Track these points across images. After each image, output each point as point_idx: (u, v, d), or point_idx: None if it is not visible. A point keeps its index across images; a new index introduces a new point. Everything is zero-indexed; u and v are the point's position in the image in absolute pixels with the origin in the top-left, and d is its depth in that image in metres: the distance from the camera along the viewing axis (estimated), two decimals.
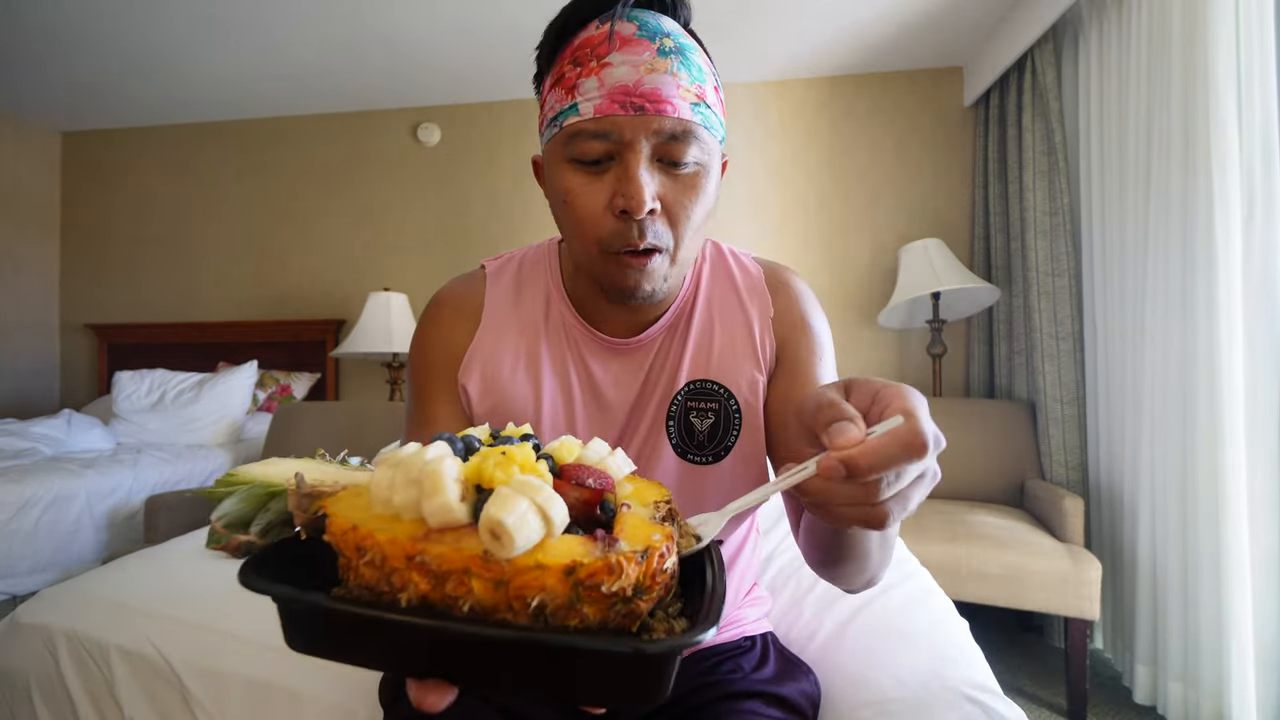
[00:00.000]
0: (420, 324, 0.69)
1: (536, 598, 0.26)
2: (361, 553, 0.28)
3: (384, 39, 2.53)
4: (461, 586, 0.26)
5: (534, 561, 0.26)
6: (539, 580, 0.26)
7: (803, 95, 2.83)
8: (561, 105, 0.52)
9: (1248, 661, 1.34)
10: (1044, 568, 1.60)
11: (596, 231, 0.53)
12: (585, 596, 0.27)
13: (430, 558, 0.26)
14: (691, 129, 0.51)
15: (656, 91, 0.50)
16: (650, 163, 0.52)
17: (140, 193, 3.49)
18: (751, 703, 0.62)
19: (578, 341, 0.64)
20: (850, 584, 0.57)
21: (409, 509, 0.29)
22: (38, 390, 3.48)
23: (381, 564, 0.27)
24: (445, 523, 0.28)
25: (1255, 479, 1.36)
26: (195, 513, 2.11)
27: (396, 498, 0.29)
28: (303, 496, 0.30)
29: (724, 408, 0.63)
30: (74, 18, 2.39)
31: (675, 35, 0.53)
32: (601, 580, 0.26)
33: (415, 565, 0.27)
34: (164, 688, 0.85)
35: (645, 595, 0.28)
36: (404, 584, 0.27)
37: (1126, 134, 1.73)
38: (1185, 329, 1.49)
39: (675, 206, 0.53)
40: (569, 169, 0.53)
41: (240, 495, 0.32)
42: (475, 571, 0.26)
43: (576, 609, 0.27)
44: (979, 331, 2.52)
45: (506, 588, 0.26)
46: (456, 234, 3.16)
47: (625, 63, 0.50)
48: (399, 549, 0.27)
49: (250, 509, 0.32)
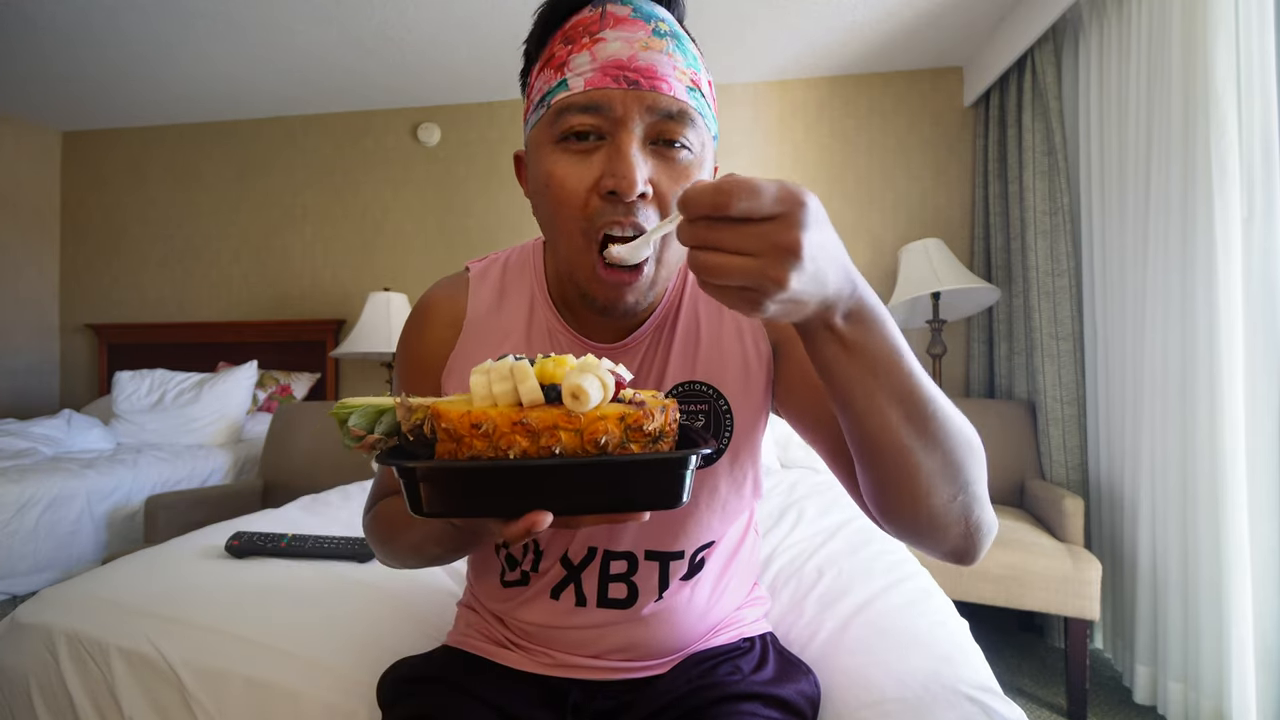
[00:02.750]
0: (405, 328, 0.69)
1: (603, 438, 0.39)
2: (477, 427, 0.39)
3: (384, 39, 2.53)
4: (553, 438, 0.39)
5: (599, 414, 0.39)
6: (604, 426, 0.39)
7: (803, 95, 2.83)
8: (550, 84, 0.51)
9: (1248, 661, 1.34)
10: (1044, 568, 1.60)
11: (581, 212, 0.50)
12: (631, 436, 0.40)
13: (531, 419, 0.39)
14: (688, 110, 0.50)
15: (652, 68, 0.48)
16: (643, 145, 0.49)
17: (140, 193, 3.49)
18: (751, 704, 0.62)
19: (562, 346, 0.63)
20: (929, 516, 0.47)
21: (505, 396, 0.40)
22: (38, 390, 3.48)
23: (493, 432, 0.39)
24: (533, 400, 0.40)
25: (1255, 479, 1.36)
26: (195, 513, 2.11)
27: (496, 388, 0.40)
28: (407, 409, 0.42)
29: (713, 408, 0.62)
30: (74, 17, 2.39)
31: (669, 22, 0.52)
32: (642, 423, 0.40)
33: (519, 428, 0.39)
34: (164, 688, 0.85)
35: (665, 437, 0.41)
36: (510, 444, 0.39)
37: (1126, 134, 1.73)
38: (1185, 329, 1.49)
39: (668, 194, 0.50)
40: (555, 151, 0.51)
41: (360, 413, 0.43)
42: (561, 425, 0.39)
43: (626, 447, 0.40)
44: (979, 331, 2.52)
45: (582, 434, 0.39)
46: (456, 234, 3.16)
47: (620, 38, 0.48)
48: (506, 418, 0.39)
49: (369, 423, 0.44)
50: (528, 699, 0.64)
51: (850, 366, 0.42)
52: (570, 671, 0.67)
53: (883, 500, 0.49)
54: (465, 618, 0.76)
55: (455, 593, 1.05)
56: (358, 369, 3.26)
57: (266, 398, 3.10)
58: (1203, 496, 1.43)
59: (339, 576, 1.10)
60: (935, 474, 0.45)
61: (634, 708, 0.64)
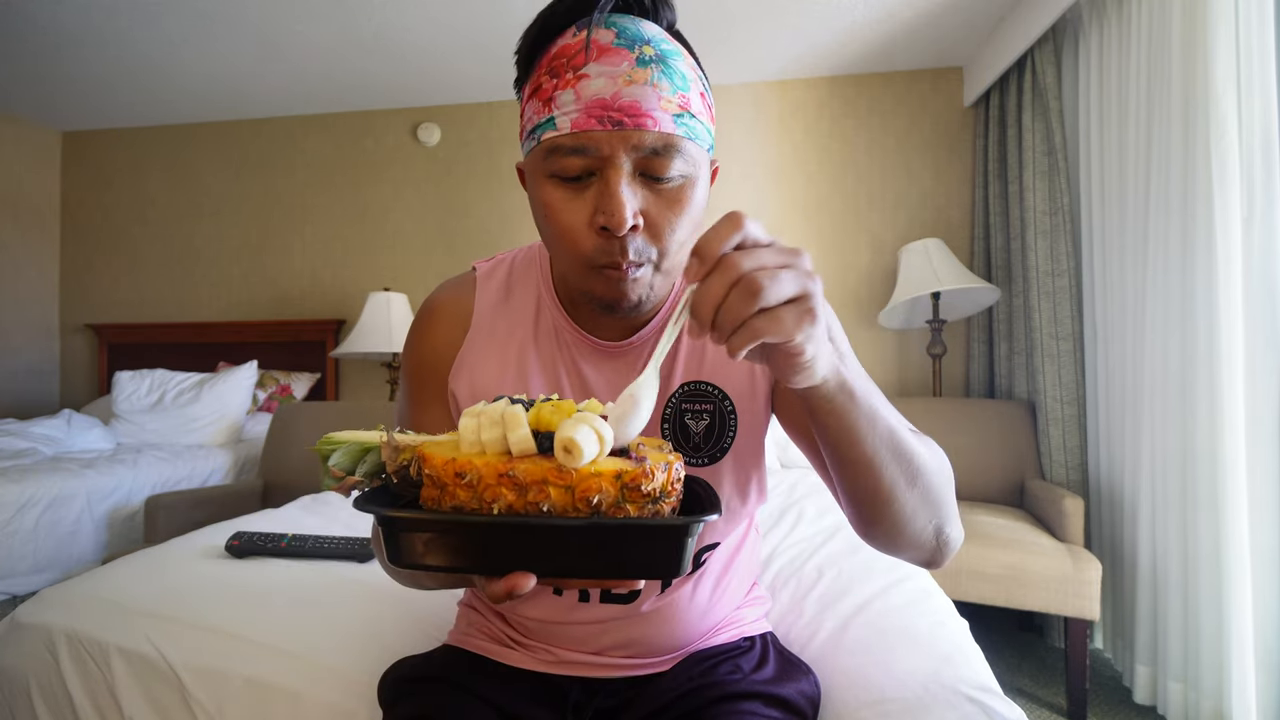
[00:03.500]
0: (411, 329, 0.69)
1: (596, 497, 0.36)
2: (460, 476, 0.36)
3: (385, 39, 2.53)
4: (541, 494, 0.36)
5: (593, 470, 0.36)
6: (597, 484, 0.36)
7: (803, 95, 2.83)
8: (539, 118, 0.51)
9: (1248, 661, 1.34)
10: (1044, 568, 1.60)
11: (579, 248, 0.52)
12: (628, 496, 0.37)
13: (519, 471, 0.36)
14: (674, 142, 0.49)
15: (636, 105, 0.48)
16: (632, 178, 0.50)
17: (140, 193, 3.49)
18: (751, 704, 0.62)
19: (569, 345, 0.64)
20: (911, 541, 0.53)
21: (494, 444, 0.38)
22: (38, 390, 3.48)
23: (477, 483, 0.36)
24: (523, 450, 0.38)
25: (1255, 479, 1.36)
26: (195, 513, 2.11)
27: (484, 435, 0.38)
28: (393, 449, 0.39)
29: (719, 409, 0.62)
30: (74, 18, 2.39)
31: (656, 41, 0.50)
32: (640, 482, 0.36)
33: (505, 480, 0.36)
34: (164, 688, 0.85)
35: (666, 499, 0.38)
36: (495, 497, 0.36)
37: (1126, 134, 1.73)
38: (1185, 329, 1.49)
39: (660, 220, 0.51)
40: (549, 184, 0.52)
41: (343, 451, 0.41)
42: (551, 480, 0.36)
43: (621, 507, 0.37)
44: (979, 331, 2.52)
45: (573, 491, 0.36)
46: (456, 234, 3.16)
47: (602, 74, 0.48)
48: (492, 469, 0.36)
49: (352, 461, 0.41)
50: (529, 698, 0.65)
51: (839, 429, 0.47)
52: (571, 669, 0.67)
53: (866, 526, 0.54)
54: (466, 617, 0.76)
55: (456, 592, 1.05)
56: (358, 369, 3.26)
57: (266, 398, 3.10)
58: (1203, 496, 1.43)
59: (339, 576, 1.10)
60: (915, 507, 0.51)
61: (634, 706, 0.64)
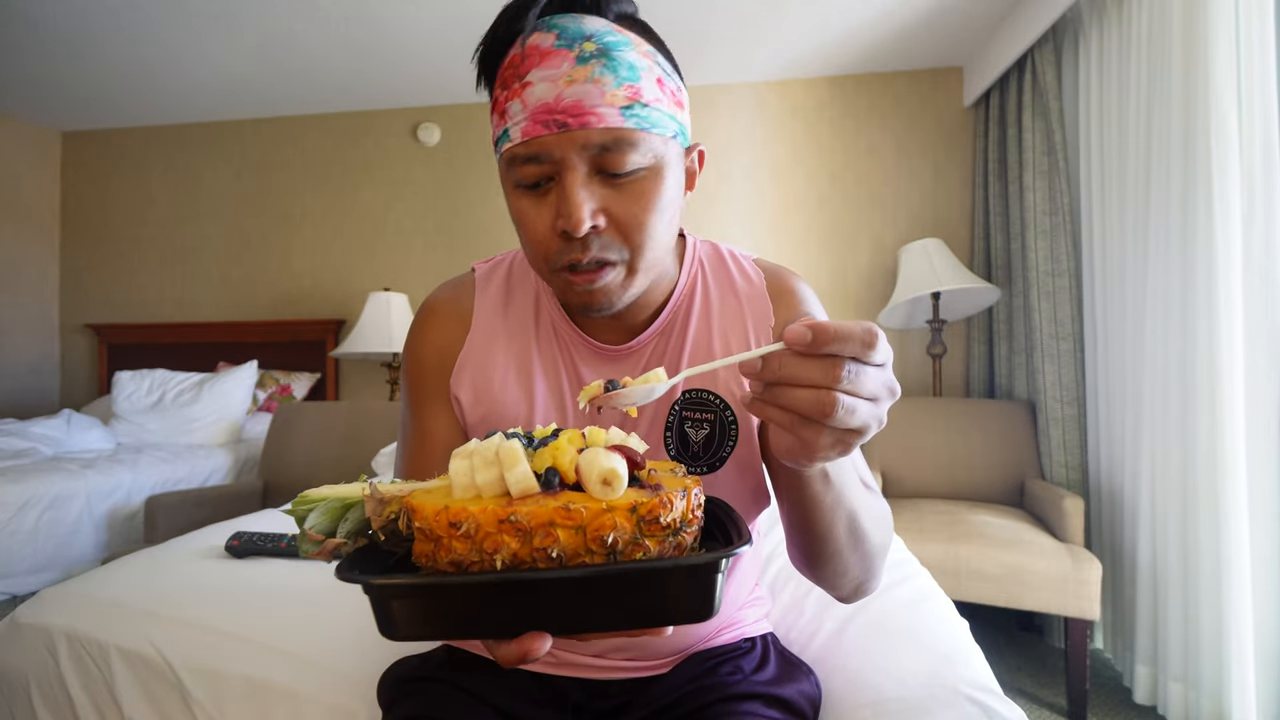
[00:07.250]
0: (411, 332, 0.68)
1: (610, 535, 0.32)
2: (456, 527, 0.32)
3: (384, 39, 2.53)
4: (549, 538, 0.32)
5: (605, 506, 0.32)
6: (611, 520, 0.32)
7: (803, 95, 2.83)
8: (497, 131, 0.52)
9: (1248, 661, 1.34)
10: (1044, 568, 1.60)
11: (546, 253, 0.53)
12: (646, 531, 0.33)
13: (521, 515, 0.32)
14: (624, 135, 0.49)
15: (578, 104, 0.48)
16: (590, 177, 0.50)
17: (140, 193, 3.49)
18: (752, 704, 0.62)
19: (569, 346, 0.63)
20: (835, 587, 0.59)
21: (490, 486, 0.34)
22: (38, 390, 3.48)
23: (475, 532, 0.32)
24: (524, 489, 0.34)
25: (1255, 479, 1.36)
26: (195, 513, 2.11)
27: (479, 477, 0.34)
28: (377, 502, 0.35)
29: (719, 418, 0.62)
30: (74, 17, 2.39)
31: (599, 35, 0.49)
32: (659, 513, 0.33)
33: (507, 526, 0.32)
34: (164, 688, 0.85)
35: (688, 528, 0.35)
36: (496, 547, 0.32)
37: (1126, 134, 1.73)
38: (1185, 329, 1.49)
39: (624, 216, 0.51)
40: (516, 194, 0.53)
41: (321, 510, 0.36)
42: (558, 521, 0.32)
43: (640, 543, 0.33)
44: (979, 331, 2.52)
45: (585, 532, 0.32)
46: (456, 234, 3.16)
47: (544, 78, 0.48)
48: (491, 515, 0.32)
49: (332, 521, 0.37)
50: (529, 699, 0.64)
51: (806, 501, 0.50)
52: (571, 670, 0.67)
53: (803, 563, 0.59)
54: None
55: None
56: (358, 369, 3.26)
57: (266, 398, 3.10)
58: (1203, 496, 1.43)
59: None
60: (851, 565, 0.57)
61: (635, 707, 0.64)
